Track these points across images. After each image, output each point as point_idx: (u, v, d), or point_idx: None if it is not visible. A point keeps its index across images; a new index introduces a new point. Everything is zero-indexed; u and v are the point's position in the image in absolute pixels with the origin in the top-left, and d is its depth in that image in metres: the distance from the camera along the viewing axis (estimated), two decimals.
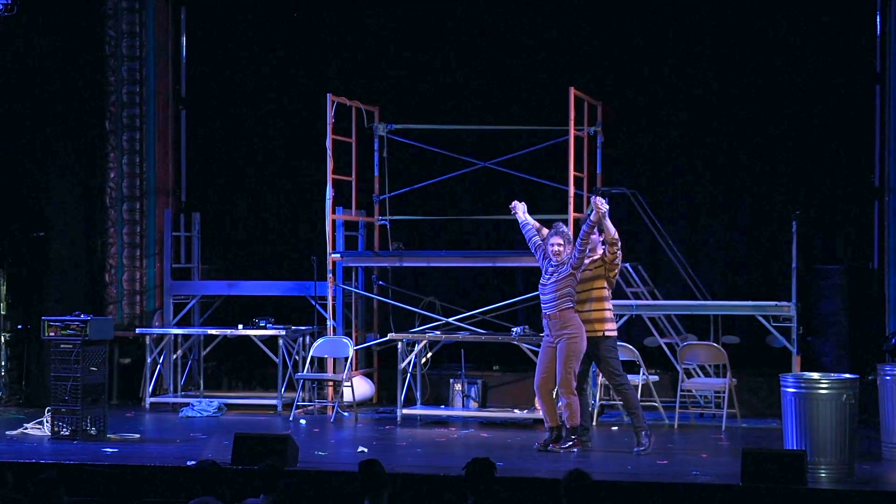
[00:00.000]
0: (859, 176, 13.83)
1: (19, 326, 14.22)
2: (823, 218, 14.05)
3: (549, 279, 10.85)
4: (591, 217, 10.70)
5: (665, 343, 13.12)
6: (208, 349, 14.50)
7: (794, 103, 14.12)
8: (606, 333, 10.91)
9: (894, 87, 12.73)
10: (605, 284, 10.96)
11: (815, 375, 9.90)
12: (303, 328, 13.88)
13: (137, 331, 14.18)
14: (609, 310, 10.98)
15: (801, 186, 14.14)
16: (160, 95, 14.93)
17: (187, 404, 13.45)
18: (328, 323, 13.63)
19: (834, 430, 9.47)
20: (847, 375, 9.88)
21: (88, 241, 14.66)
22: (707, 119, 14.47)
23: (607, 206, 10.72)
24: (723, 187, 14.46)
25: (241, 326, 13.79)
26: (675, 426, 12.34)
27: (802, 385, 9.63)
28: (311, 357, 13.40)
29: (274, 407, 13.44)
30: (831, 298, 13.20)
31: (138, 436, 11.61)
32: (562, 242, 10.84)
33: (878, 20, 13.48)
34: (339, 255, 13.73)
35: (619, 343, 11.28)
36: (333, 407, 13.10)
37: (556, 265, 10.82)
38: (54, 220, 14.32)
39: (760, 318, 12.51)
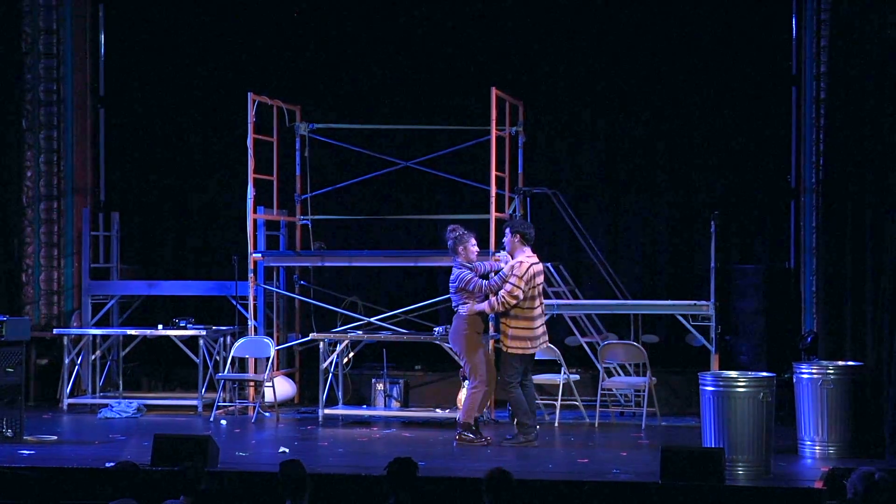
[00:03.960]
0: (776, 177, 14.02)
1: None
2: (741, 218, 14.24)
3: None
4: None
5: (586, 342, 13.21)
6: (127, 350, 14.35)
7: (711, 104, 14.30)
8: (508, 350, 11.23)
9: (810, 88, 12.92)
10: (521, 305, 11.19)
11: (733, 374, 10.02)
12: (223, 328, 13.79)
13: (55, 331, 14.01)
14: (515, 328, 11.15)
15: (719, 187, 14.33)
16: (78, 93, 14.76)
17: (106, 405, 13.31)
18: (249, 323, 13.56)
19: (751, 427, 9.60)
20: (764, 374, 10.01)
21: (5, 241, 14.44)
22: (627, 120, 14.62)
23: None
24: (642, 187, 14.60)
25: (160, 327, 13.67)
26: (596, 425, 12.43)
27: (721, 383, 9.75)
28: (232, 357, 13.33)
29: (194, 407, 13.34)
30: (749, 298, 13.37)
31: (56, 437, 11.47)
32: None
33: (793, 23, 13.67)
34: (260, 255, 13.67)
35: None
36: (254, 407, 13.04)
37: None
38: None
39: (679, 318, 12.63)
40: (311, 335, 13.16)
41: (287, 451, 10.62)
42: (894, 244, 10.32)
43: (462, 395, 12.46)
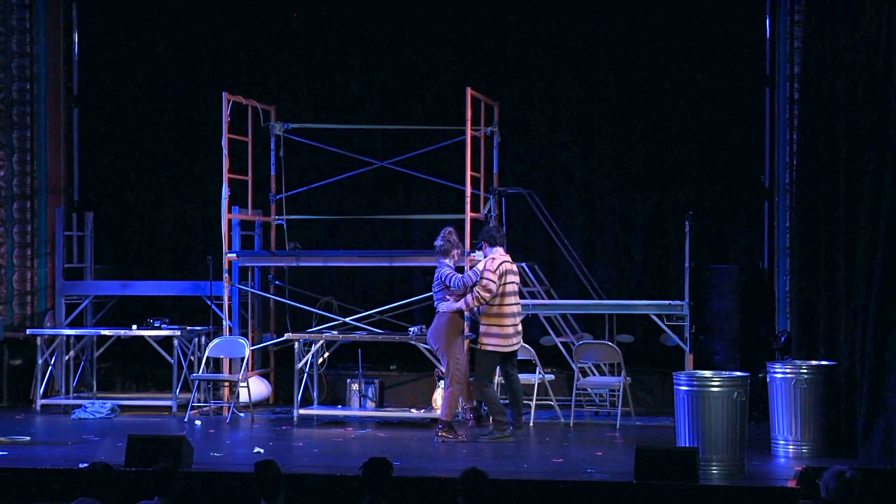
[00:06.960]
0: (750, 177, 14.07)
1: None
2: (715, 218, 14.29)
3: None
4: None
5: (561, 342, 13.23)
6: (101, 350, 14.30)
7: (686, 105, 14.35)
8: (480, 347, 11.56)
9: (783, 89, 12.97)
10: (494, 302, 11.44)
11: (707, 374, 10.06)
12: (198, 328, 13.75)
13: (28, 331, 13.93)
14: (486, 325, 11.48)
15: (693, 187, 14.36)
16: (52, 93, 14.69)
17: (80, 406, 13.26)
18: (224, 323, 13.52)
19: (725, 427, 9.63)
20: (738, 373, 10.06)
21: None
22: (602, 120, 14.65)
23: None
24: (617, 188, 14.63)
25: (135, 327, 13.63)
26: (571, 424, 12.45)
27: (695, 383, 9.78)
28: (207, 357, 13.30)
29: (169, 408, 13.30)
30: (723, 297, 13.40)
31: (29, 438, 11.41)
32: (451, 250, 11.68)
33: (767, 24, 13.73)
34: (235, 255, 13.63)
35: None
36: (229, 408, 13.01)
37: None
38: None
39: (654, 317, 12.66)
40: (286, 335, 13.14)
41: (262, 451, 10.60)
42: (867, 244, 10.37)
43: (437, 394, 12.50)
